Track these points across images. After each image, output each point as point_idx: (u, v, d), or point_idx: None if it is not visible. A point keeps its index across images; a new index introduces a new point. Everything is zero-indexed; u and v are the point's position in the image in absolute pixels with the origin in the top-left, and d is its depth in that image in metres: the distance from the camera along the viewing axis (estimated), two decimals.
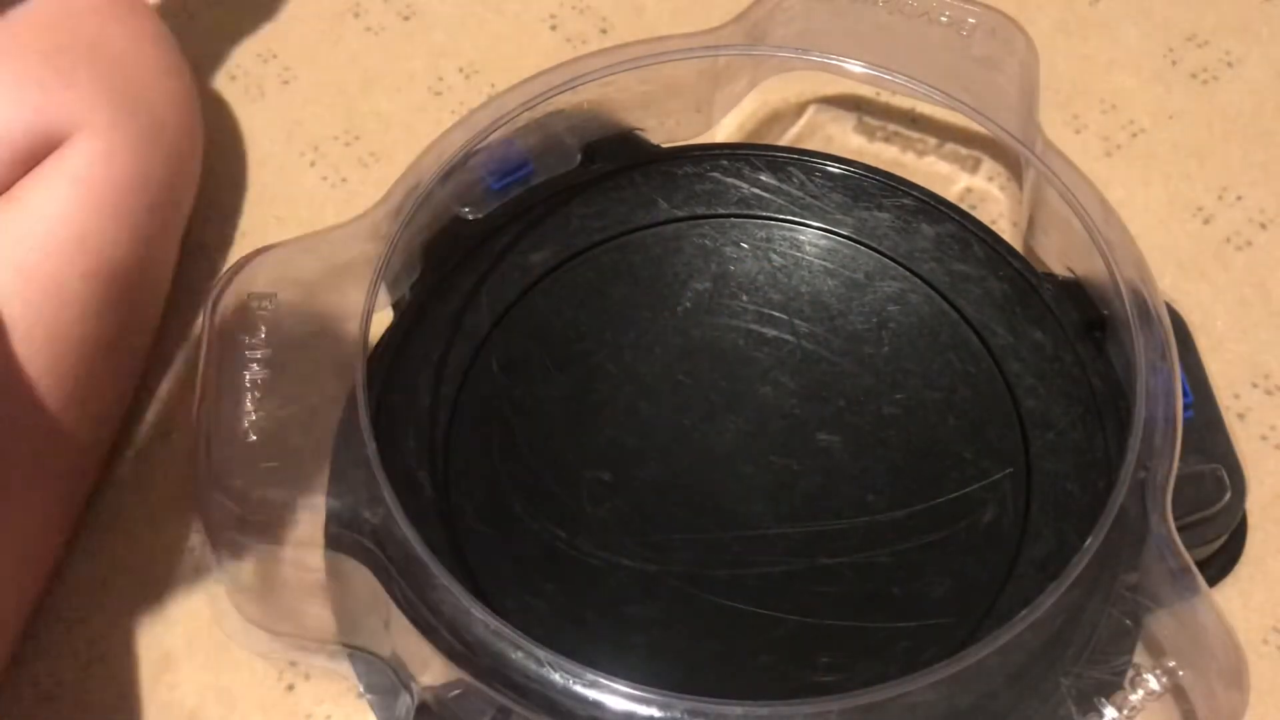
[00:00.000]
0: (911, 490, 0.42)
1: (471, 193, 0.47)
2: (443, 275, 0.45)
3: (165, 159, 0.47)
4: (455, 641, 0.37)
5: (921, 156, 0.52)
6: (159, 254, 0.47)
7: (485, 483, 0.41)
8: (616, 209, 0.47)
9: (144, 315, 0.47)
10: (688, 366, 0.44)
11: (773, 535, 0.41)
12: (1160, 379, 0.40)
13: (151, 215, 0.46)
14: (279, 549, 0.39)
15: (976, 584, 0.39)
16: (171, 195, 0.47)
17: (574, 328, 0.45)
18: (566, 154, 0.48)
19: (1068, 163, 0.44)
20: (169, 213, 0.47)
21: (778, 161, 0.48)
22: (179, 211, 0.49)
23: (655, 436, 0.43)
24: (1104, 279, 0.43)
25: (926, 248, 0.46)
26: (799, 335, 0.45)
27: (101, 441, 0.45)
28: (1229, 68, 0.55)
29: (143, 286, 0.46)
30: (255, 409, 0.40)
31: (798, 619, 0.39)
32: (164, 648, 0.43)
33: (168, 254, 0.48)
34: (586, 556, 0.40)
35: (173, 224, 0.48)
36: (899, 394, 0.44)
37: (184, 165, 0.48)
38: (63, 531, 0.44)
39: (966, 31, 0.48)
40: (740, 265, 0.46)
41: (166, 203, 0.47)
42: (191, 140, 0.49)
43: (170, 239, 0.48)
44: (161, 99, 0.47)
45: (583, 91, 0.46)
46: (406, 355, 0.44)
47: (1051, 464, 0.42)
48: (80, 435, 0.44)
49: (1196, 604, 0.37)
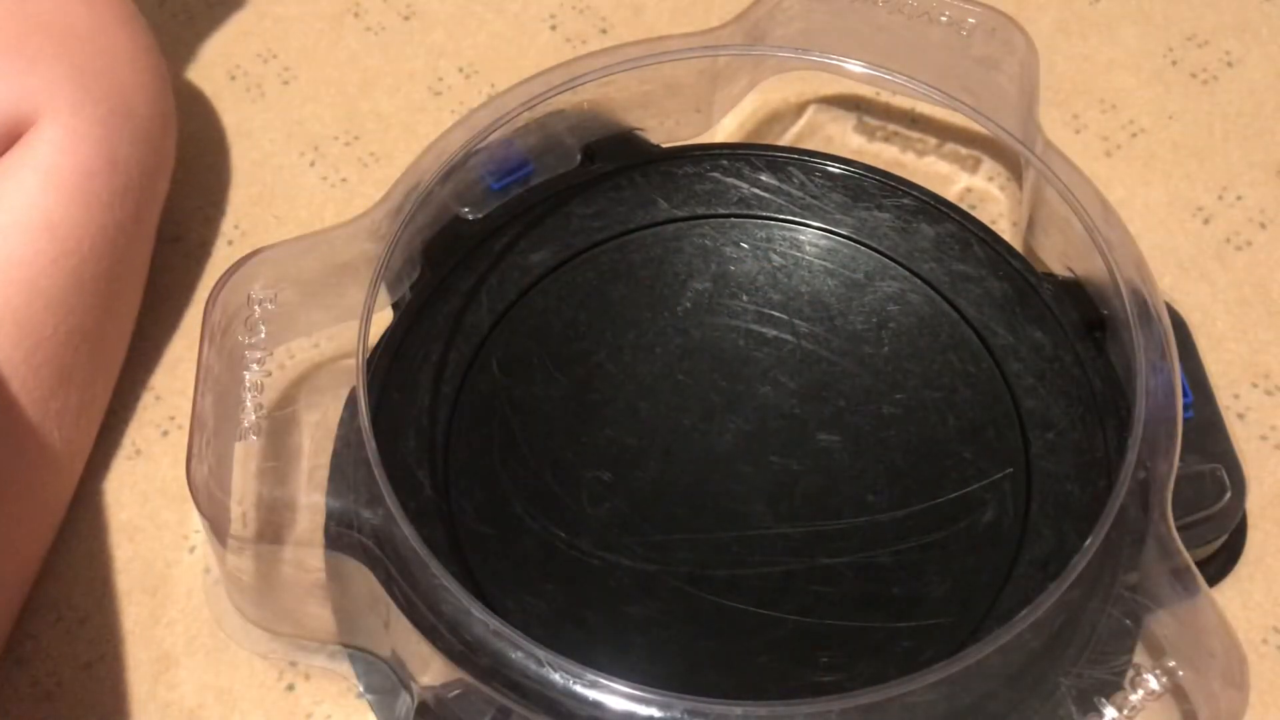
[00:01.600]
0: (911, 490, 0.42)
1: (471, 193, 0.47)
2: (443, 275, 0.45)
3: (135, 142, 0.46)
4: (455, 641, 0.37)
5: (921, 156, 0.52)
6: (133, 239, 0.46)
7: (485, 483, 0.41)
8: (616, 209, 0.47)
9: (121, 302, 0.47)
10: (687, 366, 0.44)
11: (773, 535, 0.41)
12: (1160, 379, 0.40)
13: (123, 200, 0.45)
14: (279, 549, 0.39)
15: (976, 584, 0.39)
16: (143, 179, 0.46)
17: (574, 328, 0.45)
18: (566, 154, 0.48)
19: (1068, 162, 0.44)
20: (141, 196, 0.46)
21: (778, 161, 0.48)
22: (153, 195, 0.48)
23: (655, 436, 0.43)
24: (1104, 279, 0.43)
25: (926, 248, 0.46)
26: (799, 335, 0.45)
27: (84, 432, 0.45)
28: (1229, 68, 0.55)
29: (117, 273, 0.46)
30: (255, 409, 0.40)
31: (797, 619, 0.39)
32: (164, 648, 0.43)
33: (143, 239, 0.47)
34: (586, 556, 0.40)
35: (146, 208, 0.47)
36: (899, 394, 0.44)
37: (156, 148, 0.47)
38: (49, 523, 0.44)
39: (966, 31, 0.48)
40: (740, 265, 0.46)
41: (137, 187, 0.46)
42: (164, 122, 0.48)
43: (144, 223, 0.47)
44: (130, 81, 0.47)
45: (583, 91, 0.46)
46: (406, 355, 0.44)
47: (1051, 464, 0.42)
48: (61, 425, 0.43)
49: (1196, 604, 0.37)
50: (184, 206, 0.52)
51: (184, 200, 0.52)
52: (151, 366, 0.48)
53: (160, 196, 0.49)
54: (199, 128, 0.54)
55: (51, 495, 0.44)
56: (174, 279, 0.50)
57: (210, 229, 0.52)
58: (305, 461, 0.40)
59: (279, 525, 0.39)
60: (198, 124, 0.54)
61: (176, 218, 0.51)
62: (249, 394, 0.40)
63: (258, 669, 0.42)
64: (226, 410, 0.40)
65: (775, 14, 0.49)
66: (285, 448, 0.40)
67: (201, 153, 0.54)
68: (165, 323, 0.49)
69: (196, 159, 0.53)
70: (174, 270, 0.50)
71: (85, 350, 0.44)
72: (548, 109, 0.46)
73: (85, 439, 0.45)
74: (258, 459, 0.41)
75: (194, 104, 0.55)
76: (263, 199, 0.52)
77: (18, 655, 0.42)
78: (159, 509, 0.45)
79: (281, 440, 0.40)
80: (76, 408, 0.44)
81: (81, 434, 0.45)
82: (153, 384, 0.48)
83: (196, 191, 0.52)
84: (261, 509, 0.39)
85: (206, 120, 0.54)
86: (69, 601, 0.43)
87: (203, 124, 0.54)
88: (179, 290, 0.50)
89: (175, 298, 0.50)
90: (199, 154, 0.53)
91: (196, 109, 0.55)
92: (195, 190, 0.52)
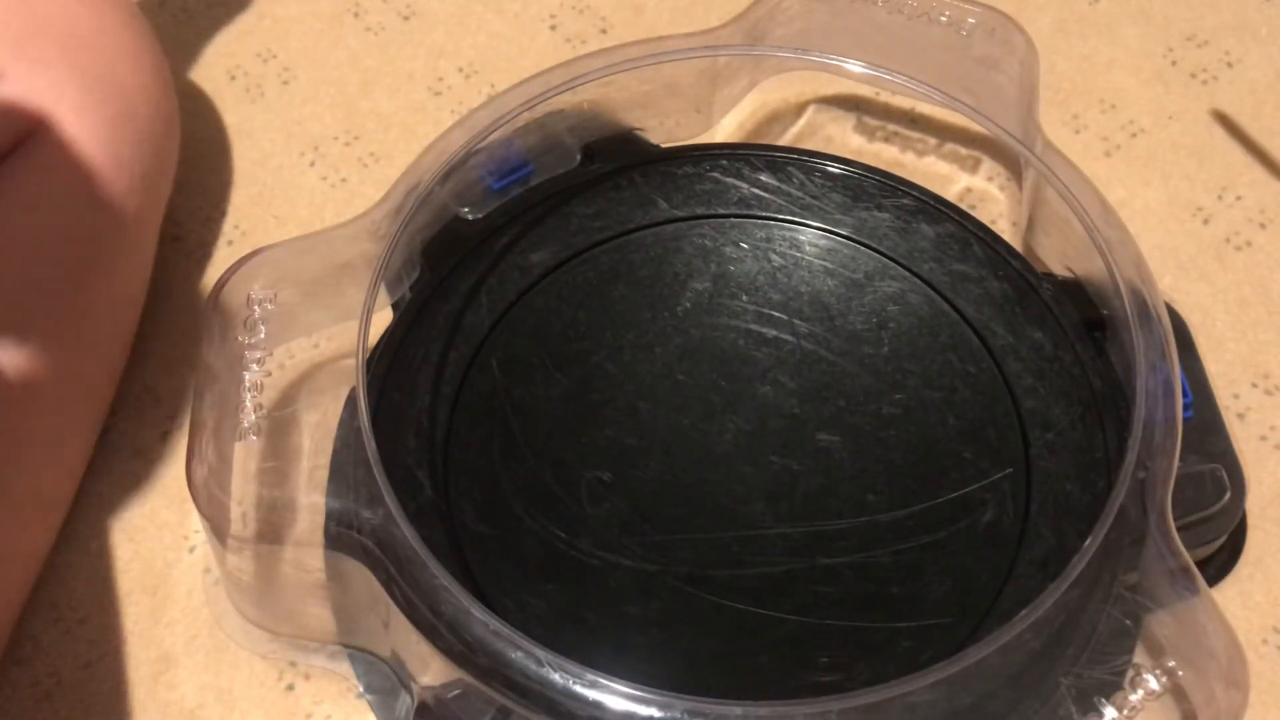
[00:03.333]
0: (911, 490, 0.42)
1: (471, 193, 0.47)
2: (442, 275, 0.45)
3: (138, 144, 0.46)
4: (455, 641, 0.37)
5: (921, 156, 0.52)
6: (135, 240, 0.47)
7: (485, 483, 0.41)
8: (616, 209, 0.47)
9: (123, 303, 0.47)
10: (687, 366, 0.44)
11: (772, 535, 0.41)
12: (1160, 379, 0.40)
13: (126, 200, 0.45)
14: (279, 549, 0.39)
15: (976, 584, 0.39)
16: (145, 181, 0.46)
17: (574, 328, 0.45)
18: (566, 154, 0.48)
19: (1067, 163, 0.44)
20: (144, 198, 0.47)
21: (777, 161, 0.48)
22: (155, 197, 0.48)
23: (655, 436, 0.43)
24: (1104, 279, 0.43)
25: (926, 248, 0.46)
26: (799, 335, 0.45)
27: (89, 428, 0.45)
28: (1229, 68, 0.55)
29: (120, 272, 0.46)
30: (255, 409, 0.40)
31: (797, 619, 0.39)
32: (164, 648, 0.43)
33: (145, 240, 0.48)
34: (586, 556, 0.40)
35: (148, 210, 0.47)
36: (899, 394, 0.44)
37: (158, 150, 0.47)
38: (51, 525, 0.44)
39: (966, 31, 0.48)
40: (740, 265, 0.46)
41: (140, 189, 0.46)
42: (166, 124, 0.48)
43: (147, 224, 0.47)
44: (133, 83, 0.47)
45: (582, 91, 0.46)
46: (406, 355, 0.44)
47: (1051, 464, 0.42)
48: (63, 425, 0.43)
49: (1196, 604, 0.37)
50: (184, 207, 0.52)
51: (184, 200, 0.52)
52: (152, 366, 0.48)
53: (163, 198, 0.49)
54: (199, 128, 0.54)
55: (53, 496, 0.44)
56: (174, 279, 0.50)
57: (210, 229, 0.52)
58: (305, 461, 0.40)
59: (279, 525, 0.39)
60: (198, 124, 0.54)
61: (177, 218, 0.51)
62: (249, 394, 0.40)
63: (258, 669, 0.42)
64: (226, 410, 0.40)
65: (775, 14, 0.49)
66: (285, 448, 0.40)
67: (201, 153, 0.54)
68: (165, 323, 0.49)
69: (197, 159, 0.53)
70: (174, 270, 0.50)
71: (87, 351, 0.44)
72: (548, 109, 0.46)
73: (87, 439, 0.45)
74: (258, 459, 0.41)
75: (194, 104, 0.55)
76: (263, 199, 0.52)
77: (18, 655, 0.42)
78: (159, 509, 0.45)
79: (281, 440, 0.40)
80: (79, 408, 0.44)
81: (83, 434, 0.45)
82: (153, 384, 0.48)
83: (197, 192, 0.52)
84: (261, 509, 0.39)
85: (206, 120, 0.54)
86: (69, 601, 0.43)
87: (203, 124, 0.54)
88: (179, 290, 0.50)
89: (175, 298, 0.50)
90: (199, 154, 0.53)
91: (197, 109, 0.55)
92: (195, 190, 0.52)
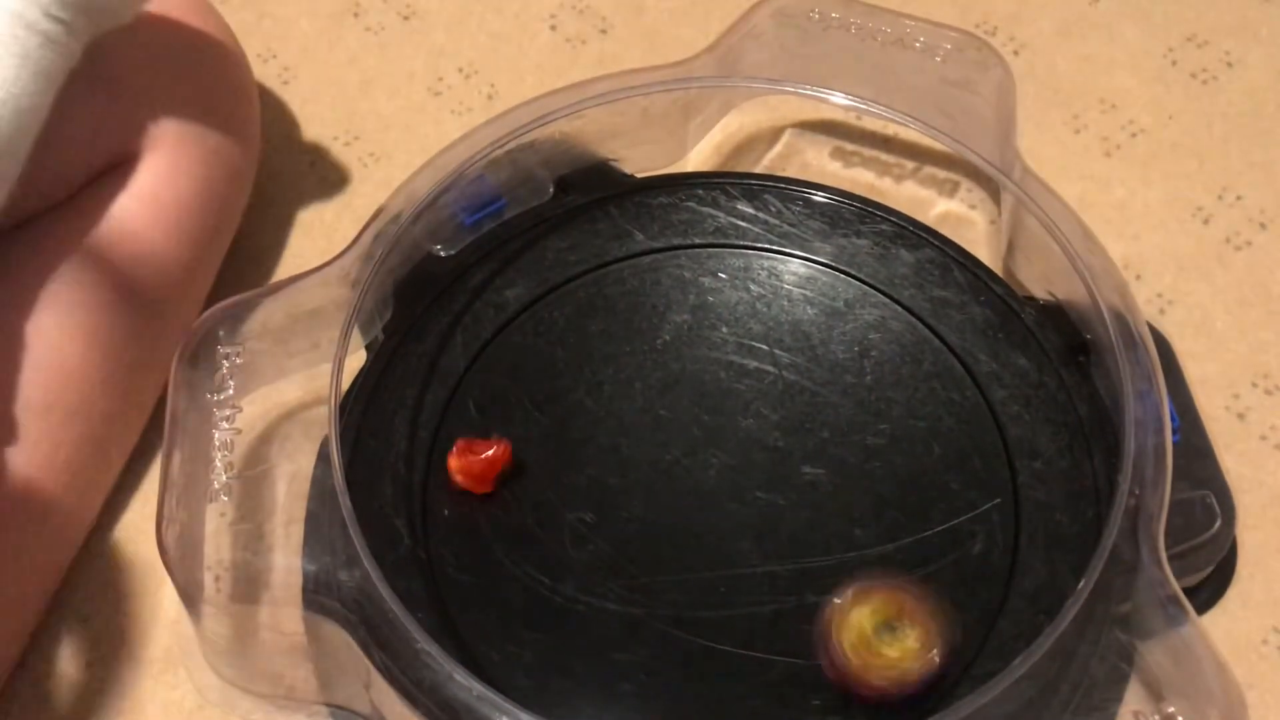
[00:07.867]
0: (899, 523, 0.41)
1: (444, 229, 0.46)
2: (416, 315, 0.45)
3: (228, 180, 0.48)
4: (436, 707, 0.36)
5: (899, 181, 0.52)
6: (209, 266, 0.48)
7: (464, 529, 0.41)
8: (591, 242, 0.47)
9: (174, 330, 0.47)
10: (669, 401, 0.44)
11: (760, 574, 0.40)
12: (1147, 407, 0.39)
13: (206, 231, 0.47)
14: (255, 610, 0.39)
15: (968, 619, 0.39)
16: (227, 214, 0.48)
17: (552, 365, 0.44)
18: (539, 187, 0.47)
19: (1046, 188, 0.44)
20: (224, 227, 0.48)
21: (753, 189, 0.48)
22: (232, 225, 0.49)
23: (637, 474, 0.42)
24: (1085, 301, 0.42)
25: (906, 274, 0.46)
26: (780, 366, 0.44)
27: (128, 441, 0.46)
28: (1229, 68, 0.55)
29: (187, 298, 0.47)
30: (226, 469, 0.39)
31: (787, 661, 0.39)
32: (164, 647, 0.42)
33: (214, 266, 0.49)
34: (570, 602, 0.39)
35: (224, 237, 0.49)
36: (883, 424, 0.43)
37: (240, 183, 0.49)
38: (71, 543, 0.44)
39: (941, 56, 0.48)
40: (719, 296, 0.46)
41: (222, 222, 0.48)
42: (248, 159, 0.50)
43: (218, 252, 0.49)
44: (229, 119, 0.48)
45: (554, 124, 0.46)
46: (381, 399, 0.43)
47: (1040, 493, 0.41)
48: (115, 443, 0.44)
49: (1188, 635, 0.37)
50: None
51: None
52: None
53: (234, 229, 0.49)
54: None
55: (76, 519, 0.44)
56: None
57: None
58: (280, 517, 0.40)
59: (255, 587, 0.39)
60: None
61: None
62: (219, 453, 0.40)
63: None
64: (196, 471, 0.39)
65: (747, 41, 0.49)
66: (258, 507, 0.39)
67: None
68: None
69: None
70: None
71: (130, 383, 0.44)
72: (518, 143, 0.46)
73: (129, 444, 0.46)
74: (231, 519, 0.40)
75: None
76: (262, 199, 0.52)
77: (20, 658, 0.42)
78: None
79: (254, 498, 0.39)
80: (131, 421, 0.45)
81: (125, 449, 0.45)
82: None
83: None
84: (236, 571, 0.38)
85: None
86: (69, 602, 0.43)
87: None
88: None
89: None
90: None
91: None
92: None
